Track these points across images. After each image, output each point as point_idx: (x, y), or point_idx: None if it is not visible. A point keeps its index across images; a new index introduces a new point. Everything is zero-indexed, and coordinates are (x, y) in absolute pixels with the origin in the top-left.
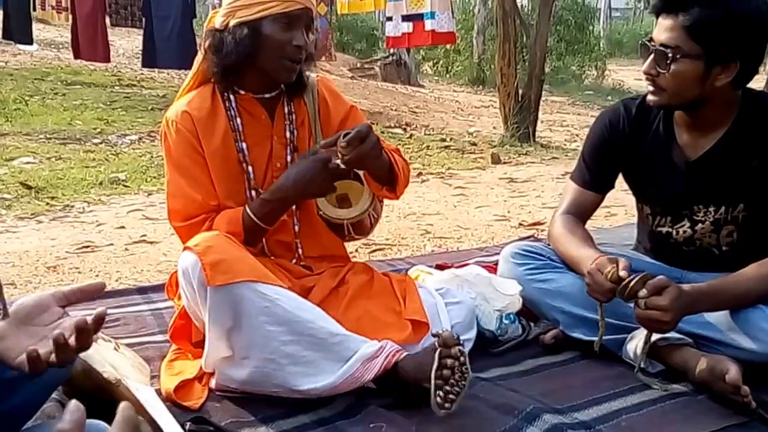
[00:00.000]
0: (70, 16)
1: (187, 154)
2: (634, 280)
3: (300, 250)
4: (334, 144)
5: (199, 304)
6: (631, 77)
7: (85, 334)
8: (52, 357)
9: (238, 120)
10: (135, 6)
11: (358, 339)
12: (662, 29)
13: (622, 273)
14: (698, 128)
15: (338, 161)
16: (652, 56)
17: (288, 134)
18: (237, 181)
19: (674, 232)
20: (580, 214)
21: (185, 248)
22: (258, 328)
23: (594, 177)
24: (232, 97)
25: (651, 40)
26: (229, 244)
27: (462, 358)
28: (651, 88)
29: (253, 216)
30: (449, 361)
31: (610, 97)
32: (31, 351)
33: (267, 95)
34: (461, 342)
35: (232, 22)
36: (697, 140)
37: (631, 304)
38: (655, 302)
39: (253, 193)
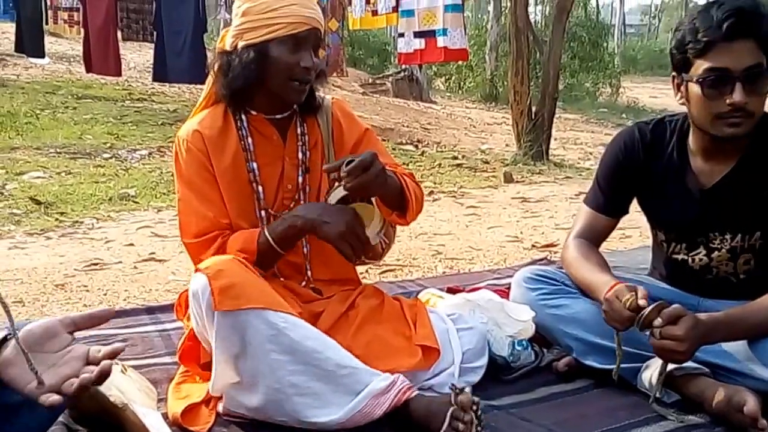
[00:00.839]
0: (82, 30)
1: (198, 173)
2: (649, 309)
3: (309, 273)
4: (338, 168)
5: (207, 327)
6: (646, 95)
7: (106, 375)
8: (66, 387)
9: (250, 140)
10: (147, 20)
11: (367, 372)
12: (741, 54)
13: (641, 302)
14: (714, 155)
15: (341, 187)
16: (739, 84)
17: (300, 155)
18: (247, 200)
19: (690, 260)
20: (594, 238)
21: (197, 270)
22: (264, 356)
23: (608, 201)
24: (243, 116)
25: (713, 71)
26: (241, 268)
27: (475, 423)
28: (738, 120)
29: (270, 238)
30: (461, 426)
31: (624, 115)
32: (52, 401)
33: (279, 116)
34: (479, 404)
35: (240, 44)
36: (712, 167)
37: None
38: (671, 332)
39: (263, 213)
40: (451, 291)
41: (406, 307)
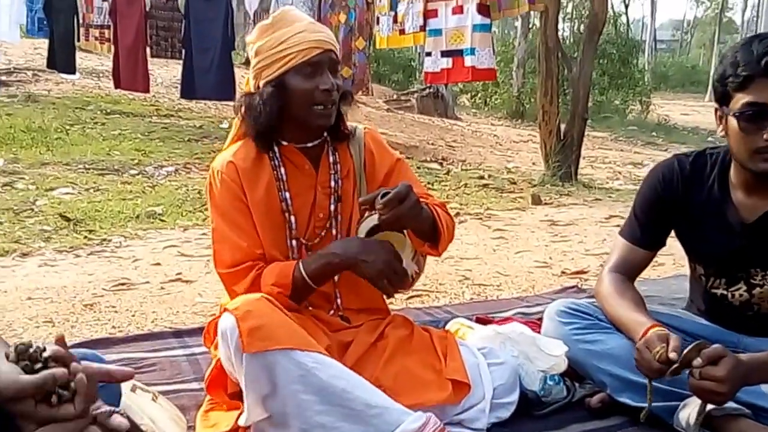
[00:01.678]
0: (113, 47)
1: (232, 204)
2: (689, 348)
3: (339, 301)
4: (372, 201)
5: (236, 367)
6: (677, 112)
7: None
8: None
9: (282, 170)
10: (176, 38)
11: (398, 411)
12: None
13: (672, 355)
14: (756, 189)
15: (376, 218)
16: None
17: (332, 184)
18: (280, 230)
19: (730, 295)
20: (629, 271)
21: (225, 309)
22: (292, 397)
23: (645, 234)
24: (276, 147)
25: (750, 106)
26: (269, 307)
27: None
28: None
29: (304, 273)
30: None
31: (654, 133)
32: None
33: (310, 144)
34: None
35: (261, 84)
36: (754, 201)
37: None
38: (711, 373)
39: (294, 242)
40: (481, 321)
41: (436, 339)
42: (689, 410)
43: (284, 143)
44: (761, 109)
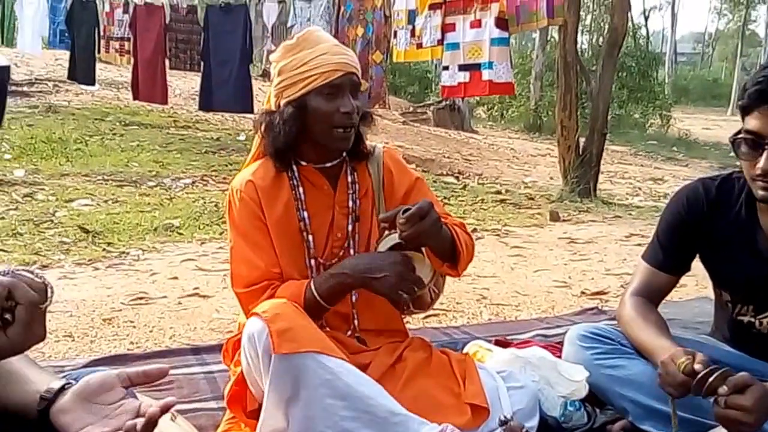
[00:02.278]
0: (132, 59)
1: (251, 223)
2: (714, 376)
3: (356, 322)
4: (393, 218)
5: (262, 371)
6: (698, 126)
7: (153, 425)
8: None
9: (301, 189)
10: (194, 50)
11: (418, 420)
12: None
13: (697, 366)
14: None
15: (396, 237)
16: (766, 152)
17: (350, 203)
18: (297, 249)
19: (757, 323)
20: (652, 296)
21: (253, 314)
22: (318, 401)
23: (668, 258)
24: (294, 167)
25: (745, 133)
26: (296, 312)
27: None
28: (766, 185)
29: (316, 293)
30: None
31: (675, 148)
32: None
33: (328, 164)
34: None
35: (282, 103)
36: None
37: (711, 399)
38: (737, 401)
39: (312, 261)
40: (500, 344)
41: (455, 362)
42: None
43: (303, 163)
44: (754, 138)
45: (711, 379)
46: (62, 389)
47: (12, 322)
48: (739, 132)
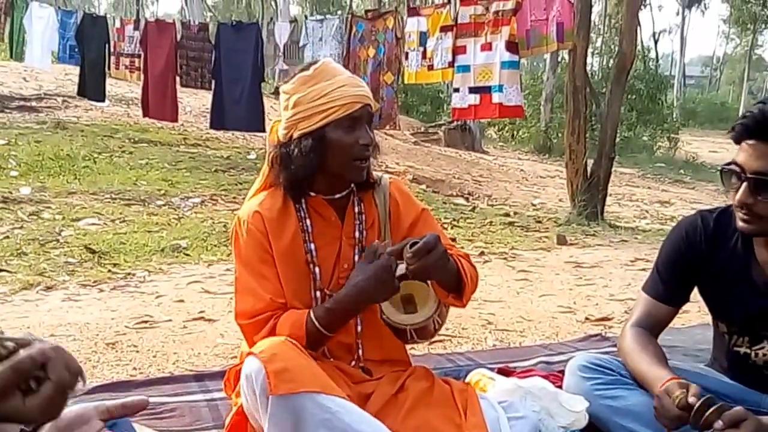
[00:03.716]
0: (143, 76)
1: (257, 254)
2: (710, 410)
3: (360, 352)
4: (400, 252)
5: (260, 410)
6: (706, 149)
7: None
8: None
9: (308, 221)
10: (206, 68)
11: None
12: (755, 156)
13: (691, 399)
14: None
15: (403, 268)
16: (745, 185)
17: (357, 234)
18: (303, 280)
19: (753, 354)
20: (652, 327)
21: (249, 354)
22: None
23: (668, 290)
24: (303, 199)
25: (733, 164)
26: (294, 351)
27: None
28: (744, 217)
29: (317, 323)
30: None
31: (682, 171)
32: None
33: (337, 195)
34: None
35: (296, 135)
36: None
37: None
38: None
39: (318, 293)
40: (502, 372)
41: (457, 392)
42: None
43: (312, 194)
44: (735, 170)
45: (707, 414)
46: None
47: (35, 391)
48: (730, 162)
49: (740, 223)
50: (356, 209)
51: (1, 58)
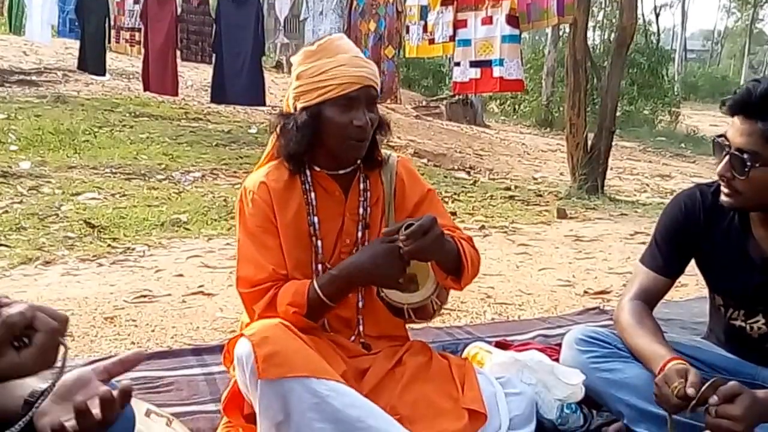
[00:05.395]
0: (143, 50)
1: (262, 224)
2: (705, 386)
3: (361, 327)
4: (396, 233)
5: (250, 392)
6: (706, 123)
7: (109, 406)
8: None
9: (313, 194)
10: (206, 42)
11: None
12: (739, 132)
13: (690, 391)
14: None
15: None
16: (727, 159)
17: (361, 211)
18: (305, 253)
19: (748, 327)
20: (649, 299)
21: (242, 335)
22: (307, 426)
23: (666, 262)
24: (308, 171)
25: (722, 136)
26: (286, 333)
27: None
28: (725, 190)
29: (319, 291)
30: None
31: (683, 144)
32: (57, 424)
33: (341, 171)
34: None
35: (298, 106)
36: None
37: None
38: (727, 411)
39: (320, 266)
40: (500, 345)
41: (454, 367)
42: None
43: (317, 168)
44: (723, 142)
45: (702, 390)
46: (42, 394)
47: (28, 345)
48: (721, 135)
49: (722, 197)
50: (361, 186)
51: (1, 32)
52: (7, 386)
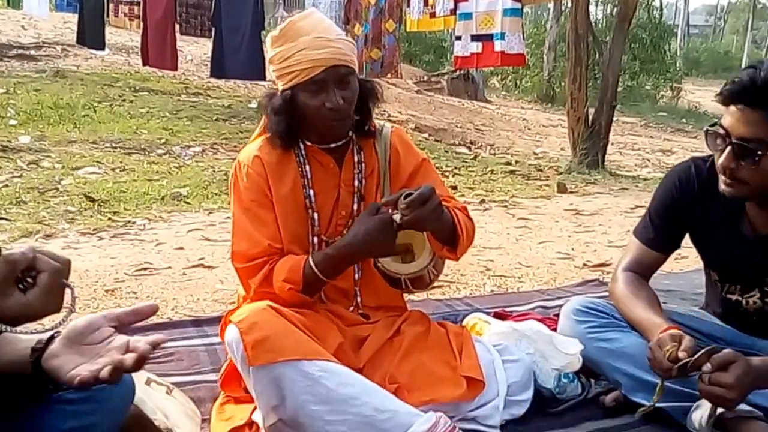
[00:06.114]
0: (142, 24)
1: (256, 198)
2: (699, 354)
3: (359, 299)
4: (395, 203)
5: (244, 377)
6: (708, 98)
7: (143, 362)
8: (104, 373)
9: (307, 167)
10: (205, 16)
11: (407, 413)
12: (741, 122)
13: (681, 354)
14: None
15: (397, 219)
16: (729, 149)
17: (356, 183)
18: (301, 226)
19: (744, 302)
20: (643, 271)
21: (230, 321)
22: (302, 408)
23: (659, 236)
24: (301, 145)
25: (718, 126)
26: (274, 318)
27: None
28: (727, 180)
29: (315, 268)
30: None
31: (684, 120)
32: (85, 377)
33: (333, 145)
34: None
35: (279, 89)
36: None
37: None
38: (720, 379)
39: (316, 239)
40: (498, 316)
41: (452, 336)
42: (701, 412)
43: (308, 143)
44: (721, 133)
45: (696, 357)
46: (52, 338)
47: (33, 285)
48: (714, 124)
49: (722, 186)
50: (355, 158)
51: None
52: (7, 344)
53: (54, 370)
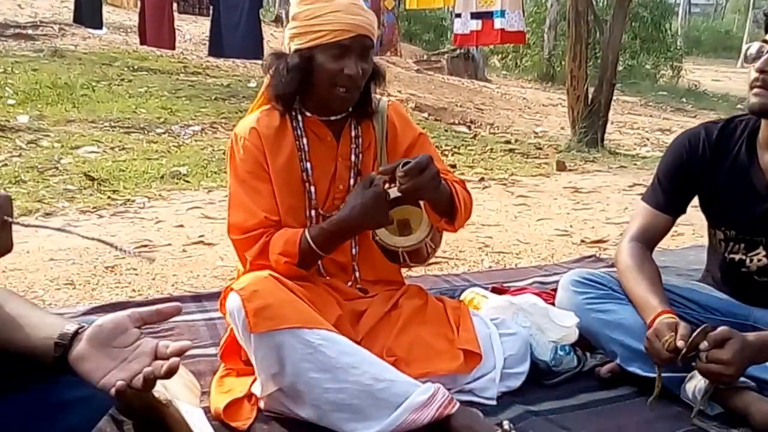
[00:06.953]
0: (139, 2)
1: (253, 170)
2: (696, 332)
3: (357, 273)
4: (392, 171)
5: (244, 345)
6: (709, 78)
7: (173, 372)
8: (137, 383)
9: (305, 140)
10: None
11: (406, 383)
12: None
13: (680, 344)
14: None
15: (395, 189)
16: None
17: (353, 157)
18: (299, 199)
19: (747, 260)
20: (650, 238)
21: (231, 289)
22: (301, 375)
23: (668, 199)
24: (299, 117)
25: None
26: (276, 286)
27: None
28: (757, 90)
29: (311, 242)
30: None
31: (684, 99)
32: (121, 386)
33: (333, 117)
34: None
35: (292, 48)
36: None
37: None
38: (717, 356)
39: (313, 212)
40: (496, 291)
41: (450, 309)
42: (695, 382)
43: (308, 114)
44: (761, 45)
45: (693, 337)
46: (76, 334)
47: None
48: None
49: (753, 99)
50: (353, 132)
51: None
52: (22, 328)
53: (86, 374)
